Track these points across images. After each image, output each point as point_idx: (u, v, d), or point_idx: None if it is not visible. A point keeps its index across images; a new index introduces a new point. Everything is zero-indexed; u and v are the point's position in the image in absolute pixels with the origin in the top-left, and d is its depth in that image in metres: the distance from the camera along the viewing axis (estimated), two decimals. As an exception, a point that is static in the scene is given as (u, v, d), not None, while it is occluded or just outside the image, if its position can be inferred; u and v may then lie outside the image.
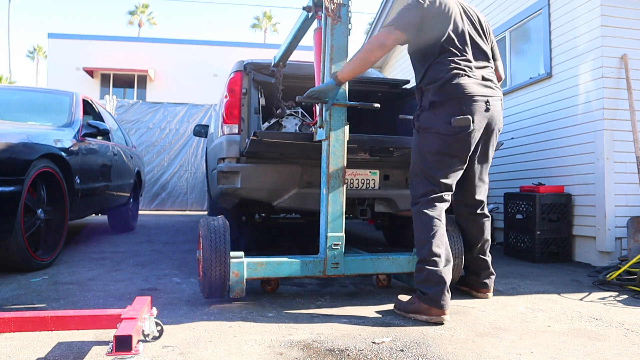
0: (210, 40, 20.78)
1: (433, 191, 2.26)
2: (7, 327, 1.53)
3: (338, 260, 2.35)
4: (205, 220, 2.33)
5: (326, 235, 2.33)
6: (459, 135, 2.20)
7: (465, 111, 2.18)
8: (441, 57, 2.25)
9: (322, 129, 2.39)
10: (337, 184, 2.37)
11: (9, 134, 2.82)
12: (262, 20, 40.69)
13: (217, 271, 2.18)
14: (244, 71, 3.16)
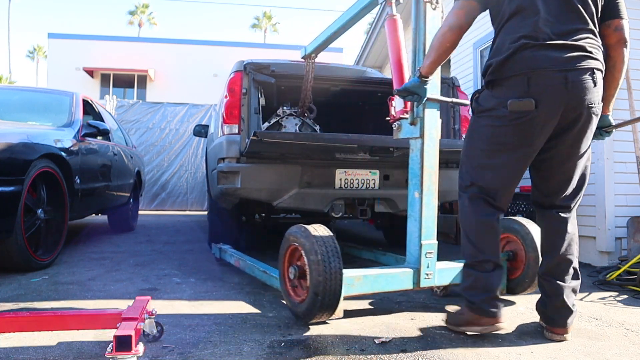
0: (210, 40, 20.78)
1: (477, 185, 1.90)
2: (7, 327, 1.53)
3: (431, 269, 2.15)
4: (304, 230, 1.99)
5: (420, 243, 2.09)
6: (518, 122, 1.75)
7: (532, 91, 1.71)
8: (510, 21, 1.80)
9: (414, 125, 2.13)
10: (431, 186, 2.13)
11: (9, 134, 2.82)
12: (262, 20, 40.67)
13: (331, 290, 1.85)
14: (244, 71, 3.16)
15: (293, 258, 2.08)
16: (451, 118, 3.53)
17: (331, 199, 3.14)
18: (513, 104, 1.73)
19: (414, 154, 2.17)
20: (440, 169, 3.42)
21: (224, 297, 2.46)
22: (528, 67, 1.71)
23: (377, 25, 8.39)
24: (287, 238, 2.10)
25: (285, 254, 2.11)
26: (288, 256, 2.11)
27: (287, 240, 2.11)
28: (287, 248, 2.10)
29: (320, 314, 1.89)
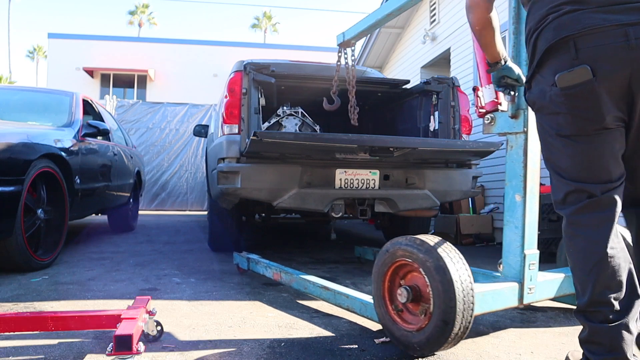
0: (210, 40, 20.78)
1: (575, 194, 1.40)
2: (7, 327, 1.53)
3: (534, 282, 1.85)
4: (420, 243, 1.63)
5: (522, 253, 1.82)
6: (576, 100, 1.34)
7: (581, 57, 1.31)
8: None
9: (515, 119, 1.84)
10: (534, 188, 1.88)
11: (9, 134, 2.82)
12: (262, 20, 40.67)
13: (466, 316, 1.53)
14: (244, 71, 3.16)
15: (397, 277, 1.71)
16: (451, 118, 3.53)
17: (331, 199, 3.14)
18: (562, 78, 1.34)
19: (513, 151, 1.88)
20: (439, 169, 3.44)
21: (224, 297, 2.46)
22: (573, 29, 1.32)
23: (377, 25, 8.38)
24: (392, 252, 1.70)
25: (386, 271, 1.71)
26: (390, 274, 1.72)
27: (390, 254, 1.71)
28: (389, 264, 1.71)
29: (448, 344, 1.58)
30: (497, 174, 5.30)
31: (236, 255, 3.13)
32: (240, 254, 3.08)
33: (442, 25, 6.94)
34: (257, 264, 2.81)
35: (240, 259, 3.07)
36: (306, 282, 2.28)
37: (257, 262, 2.82)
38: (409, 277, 1.68)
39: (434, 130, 3.65)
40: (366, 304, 1.90)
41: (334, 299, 2.09)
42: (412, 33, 8.08)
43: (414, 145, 2.86)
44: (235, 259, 3.14)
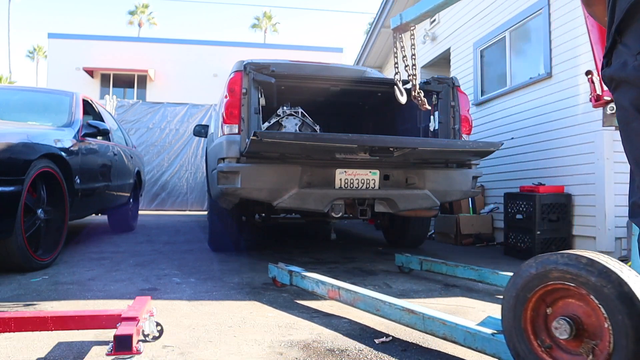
0: (210, 40, 20.79)
1: None
2: (7, 327, 1.53)
3: None
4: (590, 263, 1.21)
5: None
6: None
7: None
8: None
9: None
10: None
11: (9, 134, 2.82)
12: (262, 20, 40.69)
13: None
14: (244, 71, 3.16)
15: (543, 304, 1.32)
16: (451, 118, 3.53)
17: (331, 199, 3.14)
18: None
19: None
20: (440, 169, 3.44)
21: (224, 297, 2.46)
22: None
23: (377, 25, 8.38)
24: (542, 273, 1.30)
25: (529, 297, 1.32)
26: (535, 301, 1.33)
27: (537, 276, 1.31)
28: (535, 289, 1.31)
29: None
30: (497, 174, 5.30)
31: (273, 268, 2.66)
32: (277, 266, 2.64)
33: (442, 25, 6.94)
34: (304, 278, 2.36)
35: (278, 272, 2.61)
36: (379, 302, 1.91)
37: (304, 277, 2.37)
38: (560, 305, 1.30)
39: (434, 130, 3.65)
40: (474, 333, 1.53)
41: (422, 324, 1.72)
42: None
43: (414, 145, 2.86)
44: (271, 271, 2.68)
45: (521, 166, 4.88)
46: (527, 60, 5.04)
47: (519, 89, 5.01)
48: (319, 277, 2.29)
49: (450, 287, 2.85)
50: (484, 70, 5.89)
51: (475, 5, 5.99)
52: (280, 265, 2.63)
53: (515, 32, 5.22)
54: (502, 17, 5.41)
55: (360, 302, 2.00)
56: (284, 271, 2.55)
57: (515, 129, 5.00)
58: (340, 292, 2.11)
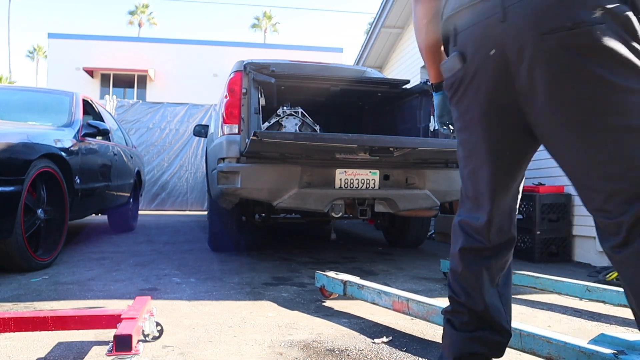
0: (210, 40, 20.80)
1: None
2: (7, 327, 1.53)
3: None
4: None
5: None
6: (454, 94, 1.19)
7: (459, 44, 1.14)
8: None
9: None
10: None
11: (9, 134, 2.82)
12: (262, 20, 40.69)
13: None
14: (244, 71, 3.17)
15: None
16: (451, 118, 3.53)
17: (331, 199, 3.14)
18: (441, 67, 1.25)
19: None
20: (440, 169, 3.44)
21: (224, 297, 2.46)
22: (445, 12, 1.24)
23: (377, 25, 8.38)
24: None
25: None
26: None
27: None
28: None
29: None
30: (497, 174, 5.30)
31: (321, 276, 2.42)
32: (326, 275, 2.39)
33: (442, 25, 6.93)
34: (362, 289, 2.16)
35: (328, 281, 2.36)
36: None
37: (362, 287, 2.16)
38: None
39: (434, 130, 3.65)
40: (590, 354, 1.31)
41: (519, 342, 1.50)
42: (412, 33, 8.07)
43: (413, 145, 2.86)
44: (318, 280, 2.44)
45: (521, 166, 4.88)
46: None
47: (519, 89, 5.01)
48: (380, 287, 2.11)
49: (450, 287, 2.85)
50: (484, 70, 5.88)
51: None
52: (329, 273, 2.40)
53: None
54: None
55: (437, 315, 1.76)
56: (336, 280, 2.31)
57: (515, 129, 5.00)
58: (409, 304, 1.90)
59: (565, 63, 0.95)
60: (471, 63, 1.09)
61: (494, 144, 1.14)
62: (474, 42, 1.08)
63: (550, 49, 0.95)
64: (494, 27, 1.03)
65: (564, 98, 0.97)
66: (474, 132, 1.16)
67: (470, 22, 1.09)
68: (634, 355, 1.26)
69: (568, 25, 0.93)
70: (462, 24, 1.12)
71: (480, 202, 1.20)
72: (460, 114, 1.19)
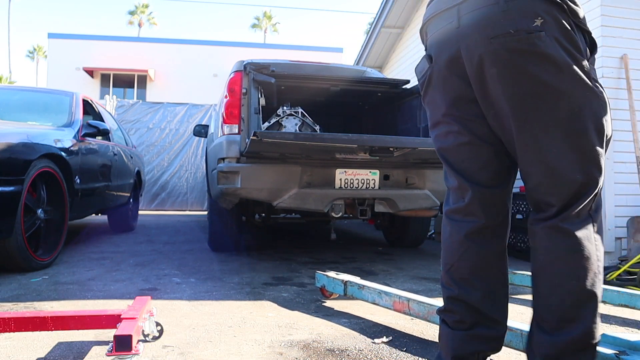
0: (210, 40, 20.80)
1: None
2: (7, 327, 1.53)
3: None
4: None
5: None
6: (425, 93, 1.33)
7: (428, 47, 1.31)
8: None
9: None
10: None
11: (9, 134, 2.82)
12: (262, 20, 40.68)
13: None
14: (244, 71, 3.17)
15: None
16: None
17: (331, 199, 3.14)
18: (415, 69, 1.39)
19: None
20: (440, 169, 3.44)
21: (224, 297, 2.46)
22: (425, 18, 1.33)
23: (377, 25, 8.38)
24: None
25: None
26: None
27: None
28: None
29: None
30: (497, 174, 5.30)
31: (321, 276, 2.41)
32: (326, 274, 2.38)
33: (442, 25, 6.93)
34: (362, 289, 2.14)
35: (328, 281, 2.35)
36: None
37: (362, 287, 2.15)
38: None
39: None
40: None
41: (520, 342, 1.49)
42: (412, 33, 8.07)
43: (413, 145, 2.86)
44: (319, 280, 2.42)
45: (521, 166, 4.88)
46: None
47: (519, 89, 5.01)
48: (381, 288, 2.09)
49: (450, 287, 2.85)
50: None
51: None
52: (329, 273, 2.38)
53: (515, 32, 5.21)
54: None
55: (437, 315, 1.68)
56: (336, 280, 2.29)
57: (515, 129, 5.00)
58: (409, 304, 1.87)
59: (508, 63, 1.09)
60: (435, 63, 1.24)
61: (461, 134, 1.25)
62: (437, 44, 1.24)
63: (497, 51, 1.10)
64: (451, 32, 1.19)
65: (510, 94, 1.11)
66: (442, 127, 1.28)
67: (435, 28, 1.25)
68: (635, 356, 1.27)
69: (511, 32, 1.07)
70: (430, 29, 1.28)
71: (463, 188, 1.27)
72: (430, 111, 1.32)
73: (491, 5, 1.10)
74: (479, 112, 1.21)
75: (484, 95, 1.17)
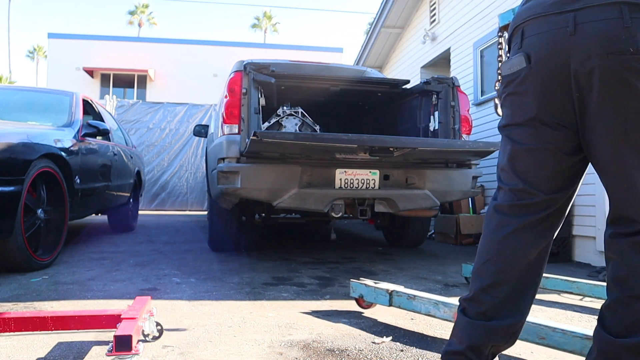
0: (210, 40, 20.79)
1: None
2: (7, 327, 1.53)
3: None
4: None
5: None
6: (512, 90, 1.27)
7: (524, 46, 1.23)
8: None
9: None
10: None
11: (9, 134, 2.82)
12: (262, 20, 40.69)
13: None
14: (244, 71, 3.16)
15: None
16: (451, 118, 3.53)
17: (331, 199, 3.14)
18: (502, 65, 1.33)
19: None
20: (439, 169, 3.44)
21: (224, 297, 2.46)
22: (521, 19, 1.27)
23: (377, 25, 8.38)
24: None
25: None
26: None
27: None
28: None
29: None
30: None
31: (358, 286, 2.16)
32: (365, 283, 2.14)
33: (442, 25, 6.94)
34: (413, 299, 1.93)
35: (368, 290, 2.11)
36: (543, 329, 1.59)
37: (413, 297, 1.93)
38: None
39: (434, 130, 3.65)
40: None
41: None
42: (412, 33, 8.08)
43: (413, 145, 2.86)
44: (355, 290, 2.17)
45: (521, 166, 4.88)
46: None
47: (519, 89, 5.01)
48: (437, 298, 1.87)
49: (450, 287, 2.85)
50: (484, 70, 5.89)
51: (475, 5, 5.99)
52: (368, 281, 2.15)
53: (515, 32, 5.21)
54: (502, 17, 5.39)
55: None
56: (379, 290, 2.06)
57: (515, 129, 5.00)
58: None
59: (621, 80, 1.09)
60: (536, 66, 1.20)
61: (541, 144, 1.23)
62: (541, 47, 1.19)
63: (611, 66, 1.09)
64: (563, 38, 1.15)
65: (614, 109, 1.11)
66: (524, 129, 1.25)
67: (540, 29, 1.20)
68: None
69: (631, 50, 1.07)
70: (531, 29, 1.22)
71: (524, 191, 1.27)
72: (512, 111, 1.27)
73: (615, 19, 1.08)
74: (570, 121, 1.19)
75: (584, 107, 1.15)
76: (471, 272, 1.34)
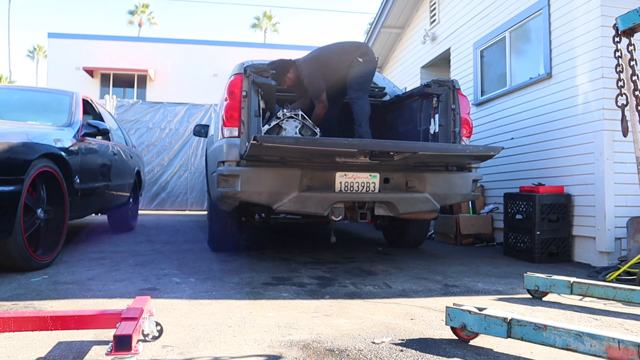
0: (210, 40, 20.78)
1: None
2: (7, 327, 1.53)
3: None
4: None
5: None
6: None
7: None
8: None
9: None
10: None
11: (9, 133, 2.82)
12: (262, 20, 40.69)
13: None
14: (244, 74, 3.16)
15: None
16: (451, 121, 3.53)
17: (331, 203, 3.13)
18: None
19: None
20: (440, 172, 3.44)
21: (223, 297, 2.46)
22: None
23: (377, 25, 8.38)
24: None
25: None
26: None
27: None
28: None
29: None
30: (497, 174, 5.30)
31: (458, 312, 1.77)
32: (468, 310, 1.74)
33: (442, 25, 6.94)
34: (544, 329, 1.55)
35: (474, 319, 1.71)
36: None
37: (544, 328, 1.55)
38: None
39: (434, 133, 3.65)
40: None
41: None
42: (412, 33, 8.08)
43: (413, 149, 2.85)
44: (453, 318, 1.78)
45: (521, 166, 4.88)
46: (527, 60, 5.04)
47: (519, 89, 5.01)
48: (577, 328, 1.50)
49: (450, 287, 2.85)
50: (484, 71, 5.89)
51: (475, 5, 5.99)
52: (469, 308, 1.75)
53: (516, 32, 5.22)
54: (502, 17, 5.41)
55: None
56: (492, 318, 1.66)
57: (515, 129, 5.00)
58: None
59: None
60: None
61: None
62: None
63: None
64: None
65: None
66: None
67: None
68: None
69: None
70: None
71: None
72: None
73: None
74: None
75: None
76: None
